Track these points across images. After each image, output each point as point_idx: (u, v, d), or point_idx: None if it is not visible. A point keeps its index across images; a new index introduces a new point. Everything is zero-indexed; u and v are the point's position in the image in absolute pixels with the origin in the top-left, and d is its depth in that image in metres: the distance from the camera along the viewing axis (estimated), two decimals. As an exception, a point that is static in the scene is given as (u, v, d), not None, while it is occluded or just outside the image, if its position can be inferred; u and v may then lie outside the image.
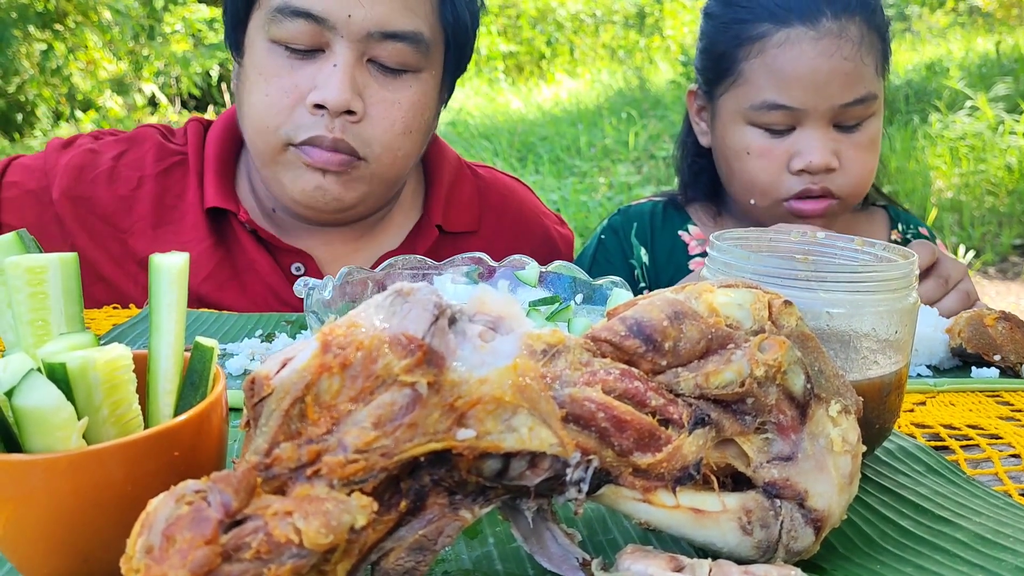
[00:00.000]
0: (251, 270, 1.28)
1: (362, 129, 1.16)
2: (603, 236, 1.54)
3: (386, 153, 1.19)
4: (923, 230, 1.53)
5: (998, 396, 0.90)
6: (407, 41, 1.15)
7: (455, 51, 1.26)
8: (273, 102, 1.14)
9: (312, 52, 1.14)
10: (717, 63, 1.37)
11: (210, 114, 8.69)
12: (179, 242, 1.27)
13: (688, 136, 1.52)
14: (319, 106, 1.12)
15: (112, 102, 8.55)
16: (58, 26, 8.11)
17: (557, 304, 0.84)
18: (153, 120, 8.73)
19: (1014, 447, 0.76)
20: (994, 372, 0.95)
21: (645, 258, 1.49)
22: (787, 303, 0.53)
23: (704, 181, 1.49)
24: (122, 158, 1.30)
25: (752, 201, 1.38)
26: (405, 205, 1.40)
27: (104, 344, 0.50)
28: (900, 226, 1.53)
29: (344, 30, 1.12)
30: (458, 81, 1.35)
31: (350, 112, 1.13)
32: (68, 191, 1.25)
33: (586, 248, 1.56)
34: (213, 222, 1.28)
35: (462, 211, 1.42)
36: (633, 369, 0.49)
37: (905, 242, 1.49)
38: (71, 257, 0.53)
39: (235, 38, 1.21)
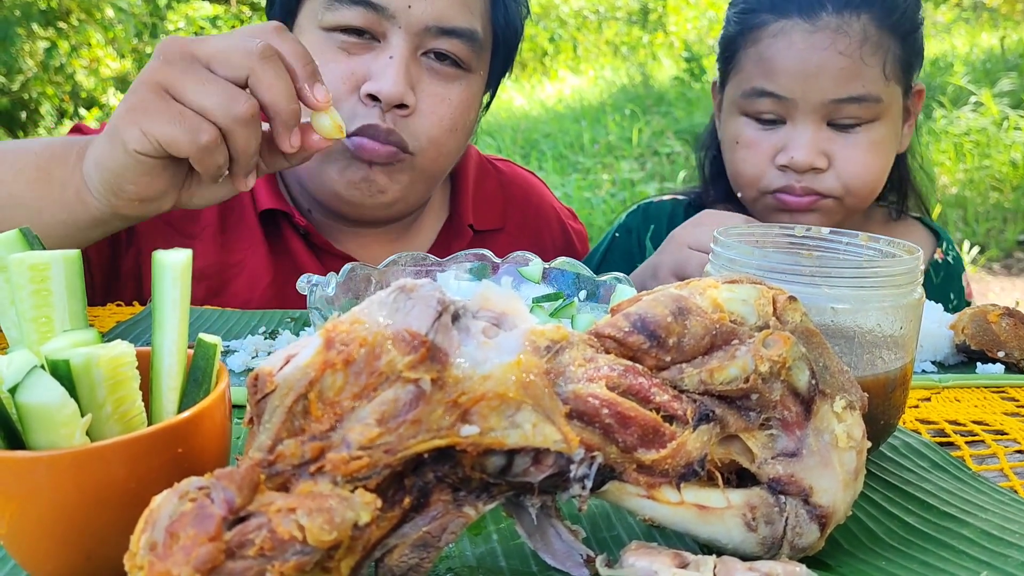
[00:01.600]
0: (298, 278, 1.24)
1: (412, 123, 1.14)
2: (617, 235, 1.52)
3: (432, 148, 1.17)
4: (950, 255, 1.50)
5: (1003, 392, 0.90)
6: (463, 38, 1.14)
7: (502, 54, 1.25)
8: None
9: (367, 42, 1.13)
10: (723, 52, 1.36)
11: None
12: (242, 248, 1.24)
13: (711, 134, 1.49)
14: (372, 97, 1.11)
15: (115, 100, 8.55)
16: (61, 24, 8.12)
17: (560, 300, 0.84)
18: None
19: (1019, 443, 0.76)
20: (999, 368, 0.95)
21: None
22: (791, 299, 0.53)
23: (724, 181, 1.45)
24: None
25: (739, 194, 1.37)
26: (435, 205, 1.39)
27: (107, 341, 0.50)
28: (943, 245, 1.48)
29: (403, 21, 1.10)
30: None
31: (402, 105, 1.12)
32: None
33: (599, 244, 1.55)
34: (265, 225, 1.24)
35: (488, 208, 1.42)
36: (637, 365, 0.49)
37: (948, 264, 1.46)
38: (74, 254, 0.53)
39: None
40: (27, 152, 0.94)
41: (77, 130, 1.26)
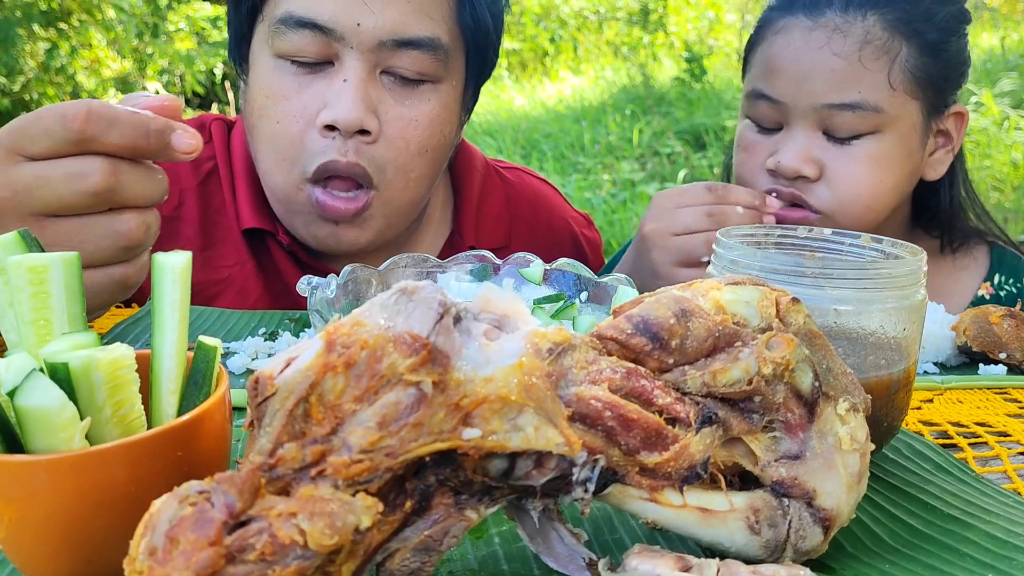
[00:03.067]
0: (287, 294, 1.22)
1: (376, 151, 1.07)
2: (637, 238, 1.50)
3: (398, 178, 1.10)
4: None
5: (1006, 393, 0.89)
6: (423, 48, 1.06)
7: (477, 56, 1.16)
8: (285, 129, 1.06)
9: (320, 65, 1.06)
10: (745, 53, 1.31)
11: (213, 111, 8.70)
12: (226, 265, 1.19)
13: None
14: (330, 127, 1.04)
15: (116, 100, 8.55)
16: (62, 24, 8.12)
17: (562, 302, 0.84)
18: (157, 119, 8.71)
19: (1022, 444, 0.75)
20: (1001, 369, 0.95)
21: None
22: (794, 300, 0.52)
23: None
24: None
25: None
26: (434, 220, 1.33)
27: (106, 344, 0.50)
28: (997, 277, 1.32)
29: (354, 40, 1.03)
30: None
31: (364, 132, 1.05)
32: None
33: (623, 246, 1.53)
34: (251, 240, 1.20)
35: (492, 225, 1.35)
36: (640, 367, 0.49)
37: (998, 299, 1.31)
38: (73, 256, 0.53)
39: (239, 53, 1.14)
40: None
41: None
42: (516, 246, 1.35)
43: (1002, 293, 1.31)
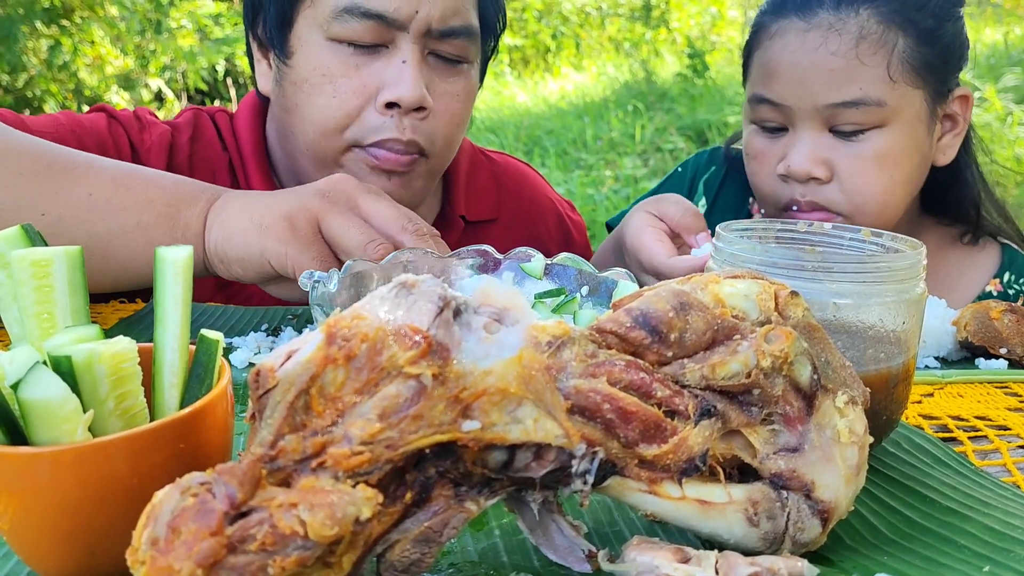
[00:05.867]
0: None
1: (428, 125, 1.15)
2: (679, 169, 1.54)
3: (446, 147, 1.20)
4: None
5: (1006, 387, 0.90)
6: (463, 36, 1.16)
7: (490, 36, 1.27)
8: (342, 103, 1.13)
9: (375, 48, 1.13)
10: (743, 60, 1.32)
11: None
12: None
13: None
14: (391, 105, 1.11)
15: (119, 97, 8.55)
16: (65, 21, 8.12)
17: (563, 296, 0.84)
18: (160, 115, 8.72)
19: (1022, 438, 0.76)
20: (1002, 363, 0.95)
21: (703, 210, 1.44)
22: (793, 294, 0.53)
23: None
24: (195, 143, 1.27)
25: (762, 211, 1.32)
26: (427, 197, 1.38)
27: (109, 337, 0.50)
28: (1007, 276, 1.32)
29: (410, 26, 1.12)
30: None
31: (420, 108, 1.13)
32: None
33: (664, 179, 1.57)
34: None
35: (481, 199, 1.42)
36: (639, 360, 0.49)
37: (1006, 296, 1.31)
38: (76, 250, 0.53)
39: (280, 37, 1.18)
40: (158, 186, 0.99)
41: (100, 109, 1.25)
42: (504, 219, 1.43)
43: (1010, 291, 1.31)
